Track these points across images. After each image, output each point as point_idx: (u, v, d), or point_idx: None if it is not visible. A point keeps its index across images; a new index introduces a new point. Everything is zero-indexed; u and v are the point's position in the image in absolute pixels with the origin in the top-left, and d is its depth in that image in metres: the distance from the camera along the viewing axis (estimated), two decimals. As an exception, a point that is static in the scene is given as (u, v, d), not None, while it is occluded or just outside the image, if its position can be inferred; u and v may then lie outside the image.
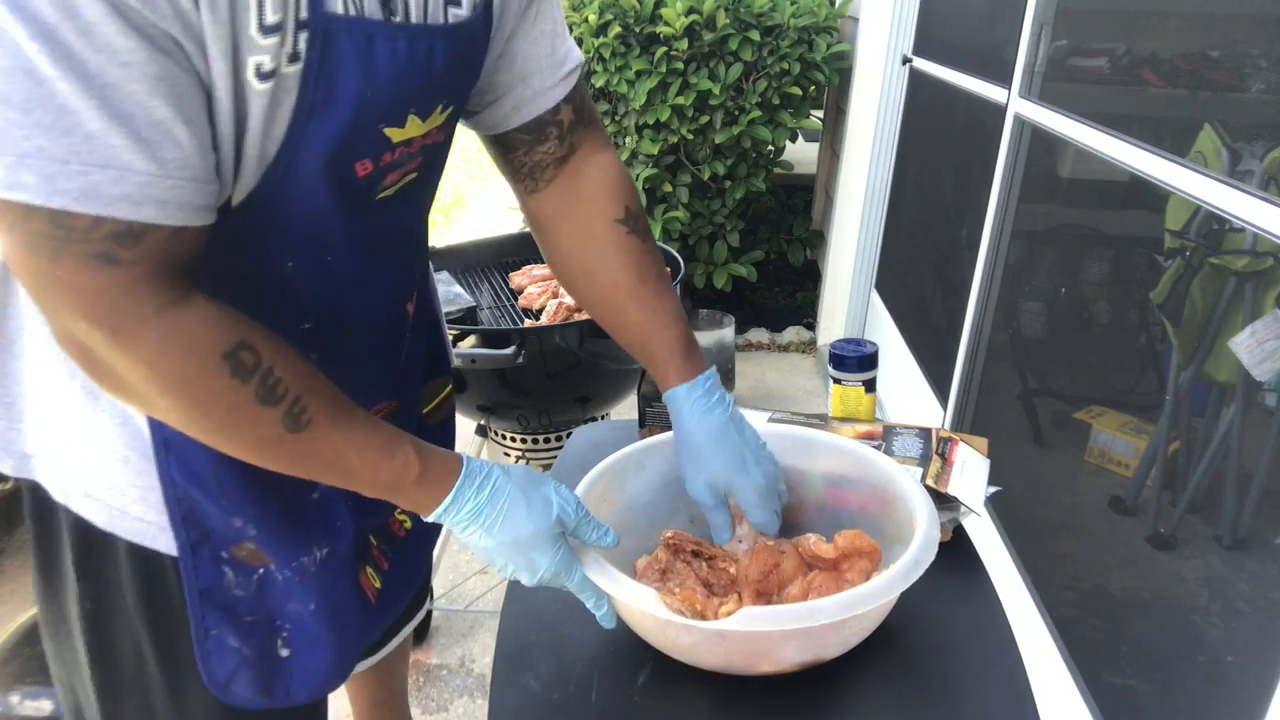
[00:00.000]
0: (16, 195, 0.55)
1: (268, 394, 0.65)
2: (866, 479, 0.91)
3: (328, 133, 0.67)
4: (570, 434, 1.45)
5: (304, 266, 0.76)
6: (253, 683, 0.84)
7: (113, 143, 0.56)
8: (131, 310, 0.60)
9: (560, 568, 0.78)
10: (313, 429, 0.67)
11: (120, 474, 0.77)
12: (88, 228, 0.56)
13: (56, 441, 0.78)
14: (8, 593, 2.30)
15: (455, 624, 2.13)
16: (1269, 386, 1.12)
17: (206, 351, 0.62)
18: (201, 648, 0.81)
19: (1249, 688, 1.05)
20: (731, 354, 1.22)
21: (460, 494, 0.75)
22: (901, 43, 3.00)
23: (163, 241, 0.60)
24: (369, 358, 0.89)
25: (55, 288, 0.59)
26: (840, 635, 0.76)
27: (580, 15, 3.02)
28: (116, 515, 0.78)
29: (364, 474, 0.71)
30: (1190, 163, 1.26)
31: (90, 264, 0.58)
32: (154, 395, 0.63)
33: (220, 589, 0.80)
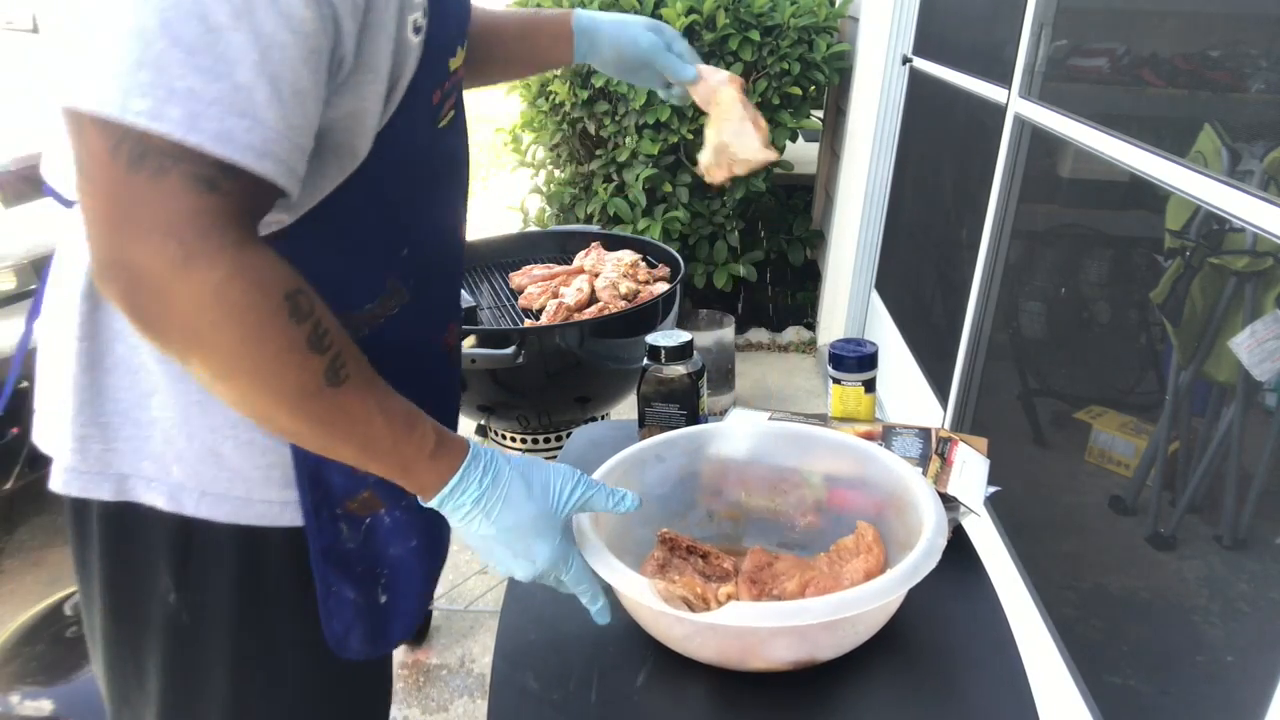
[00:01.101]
0: (159, 127, 0.58)
1: (318, 341, 0.66)
2: (880, 482, 0.91)
3: (431, 69, 0.77)
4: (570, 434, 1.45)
5: (402, 193, 0.82)
6: (364, 633, 0.88)
7: (257, 97, 0.60)
8: (214, 236, 0.61)
9: (559, 556, 0.78)
10: (349, 386, 0.68)
11: (243, 459, 0.79)
12: (201, 156, 0.59)
13: (165, 449, 0.79)
14: (8, 593, 2.30)
15: (455, 624, 2.13)
16: (1269, 386, 1.12)
17: (272, 287, 0.64)
18: (325, 606, 0.85)
19: (1249, 688, 1.05)
20: (731, 354, 1.22)
21: (466, 475, 0.75)
22: (901, 43, 3.00)
23: (258, 191, 0.64)
24: (445, 278, 0.95)
25: (140, 205, 0.60)
26: (834, 637, 0.76)
27: (580, 15, 3.02)
28: (240, 505, 0.80)
29: (384, 442, 0.72)
30: (1190, 163, 1.26)
31: (192, 186, 0.60)
32: (205, 328, 0.62)
33: (337, 545, 0.84)
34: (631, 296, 1.87)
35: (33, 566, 2.39)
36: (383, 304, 0.83)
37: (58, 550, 2.44)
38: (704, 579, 0.83)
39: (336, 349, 0.68)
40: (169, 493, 0.79)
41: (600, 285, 1.90)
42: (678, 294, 1.90)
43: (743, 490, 0.98)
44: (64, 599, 1.75)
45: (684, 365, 1.09)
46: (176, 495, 0.79)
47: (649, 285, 1.94)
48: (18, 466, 2.24)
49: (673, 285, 1.90)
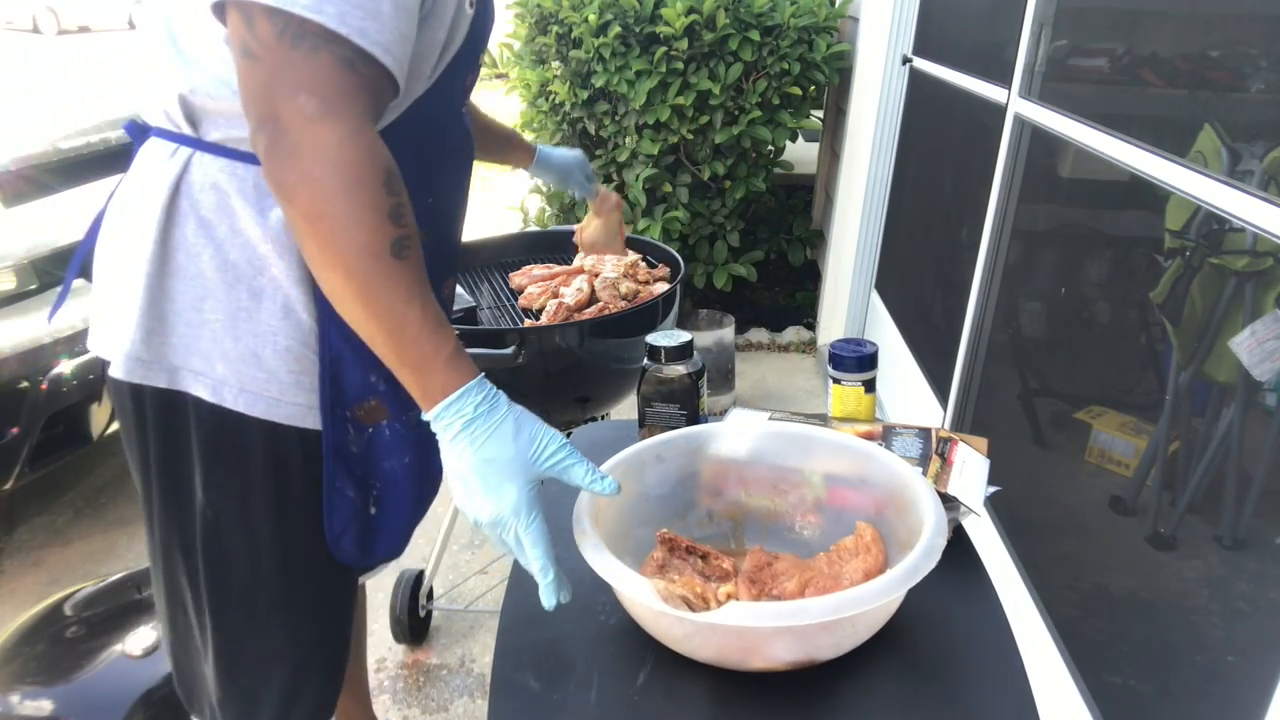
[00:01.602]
0: (318, 18, 0.74)
1: (397, 216, 0.78)
2: (881, 481, 0.91)
3: (475, 50, 0.95)
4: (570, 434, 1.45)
5: (433, 152, 0.99)
6: (356, 537, 1.02)
7: (384, 8, 0.77)
8: (349, 99, 0.76)
9: (524, 505, 0.80)
10: (406, 264, 0.78)
11: (280, 363, 0.93)
12: (346, 43, 0.75)
13: (212, 348, 0.92)
14: (8, 593, 2.30)
15: (455, 624, 2.13)
16: (1269, 386, 1.12)
17: (379, 156, 0.78)
18: (329, 500, 0.99)
19: (1249, 688, 1.05)
20: (731, 354, 1.22)
21: (468, 394, 0.80)
22: (901, 43, 3.00)
23: (381, 82, 0.80)
24: (451, 236, 1.11)
25: (295, 73, 0.75)
26: (833, 637, 0.76)
27: (580, 15, 3.02)
28: (272, 403, 0.94)
29: (412, 328, 0.79)
30: (1190, 163, 1.26)
31: (338, 61, 0.76)
32: (319, 169, 0.75)
33: (343, 445, 0.98)
34: (631, 296, 1.87)
35: (33, 566, 2.39)
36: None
37: (57, 550, 2.45)
38: (703, 579, 0.83)
39: (408, 231, 0.79)
40: (213, 386, 0.93)
41: (600, 285, 1.90)
42: (678, 294, 1.90)
43: (742, 490, 0.98)
44: (64, 599, 1.75)
45: (684, 365, 1.09)
46: (219, 389, 0.93)
47: (649, 285, 1.93)
48: (18, 466, 2.24)
49: (673, 285, 1.90)
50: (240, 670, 1.05)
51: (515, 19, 3.34)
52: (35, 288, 2.31)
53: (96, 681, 1.54)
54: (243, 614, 1.02)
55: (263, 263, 0.90)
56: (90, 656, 1.57)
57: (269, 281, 0.91)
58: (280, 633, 1.05)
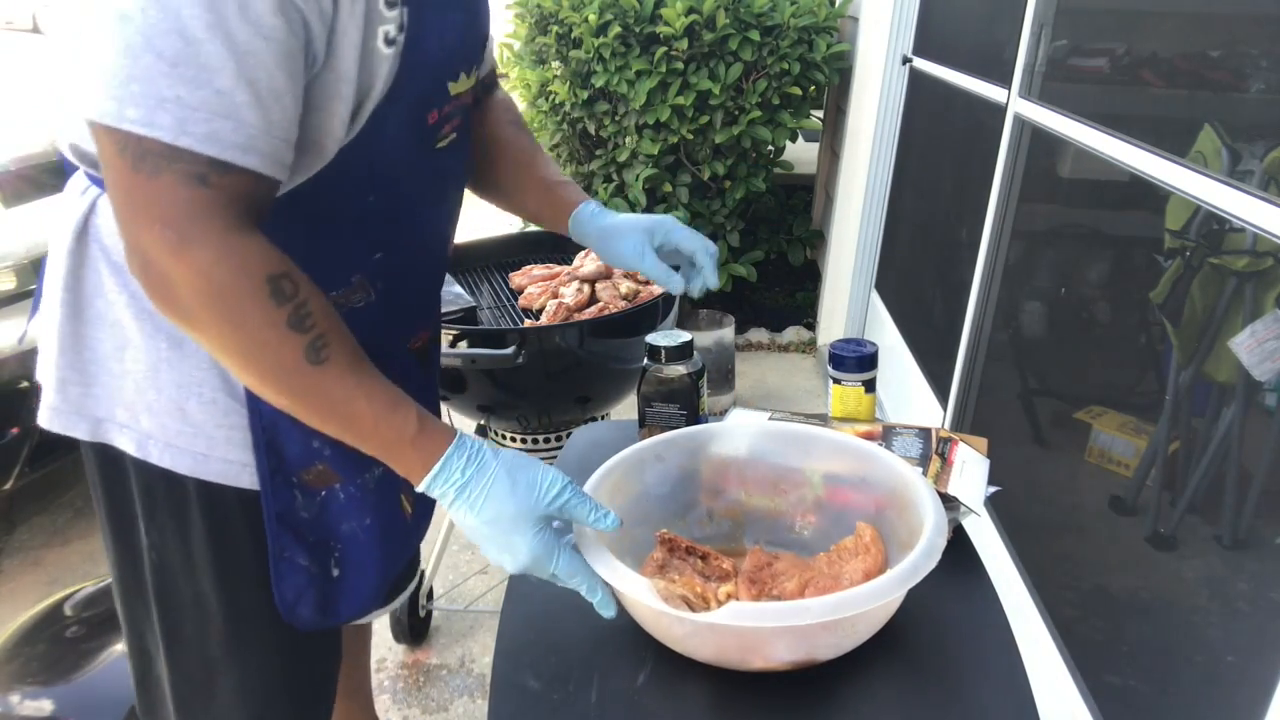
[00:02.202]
0: (153, 133, 0.66)
1: (298, 322, 0.72)
2: (881, 481, 0.91)
3: (418, 86, 0.83)
4: (570, 434, 1.45)
5: (382, 202, 0.88)
6: (314, 602, 0.94)
7: (238, 99, 0.68)
8: (202, 224, 0.69)
9: (541, 552, 0.78)
10: (330, 366, 0.74)
11: (206, 417, 0.86)
12: (194, 156, 0.68)
13: (136, 399, 0.86)
14: (8, 592, 2.30)
15: (455, 624, 2.13)
16: (1269, 386, 1.12)
17: (255, 270, 0.71)
18: (276, 569, 0.91)
19: (1249, 688, 1.05)
20: (731, 354, 1.22)
21: (449, 463, 0.77)
22: (901, 43, 3.00)
23: (248, 182, 0.71)
24: (420, 289, 1.02)
25: (143, 199, 0.68)
26: (834, 637, 0.76)
27: (580, 15, 3.02)
28: (200, 460, 0.87)
29: (366, 423, 0.76)
30: (1190, 163, 1.26)
31: (184, 182, 0.68)
32: (198, 306, 0.70)
33: (291, 512, 0.90)
34: (631, 296, 1.87)
35: (33, 566, 2.39)
36: (346, 295, 0.90)
37: (57, 550, 2.44)
38: (703, 579, 0.83)
39: (319, 330, 0.73)
40: (137, 440, 0.87)
41: (600, 285, 1.90)
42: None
43: (743, 490, 0.98)
44: (64, 599, 1.75)
45: (684, 365, 1.09)
46: (144, 444, 0.86)
47: (649, 285, 1.93)
48: (18, 466, 2.24)
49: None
50: (199, 712, 0.99)
51: (515, 19, 3.34)
52: (35, 288, 2.31)
53: (96, 681, 1.54)
54: (197, 660, 0.97)
55: None
56: (90, 656, 1.57)
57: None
58: (233, 684, 0.97)
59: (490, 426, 1.96)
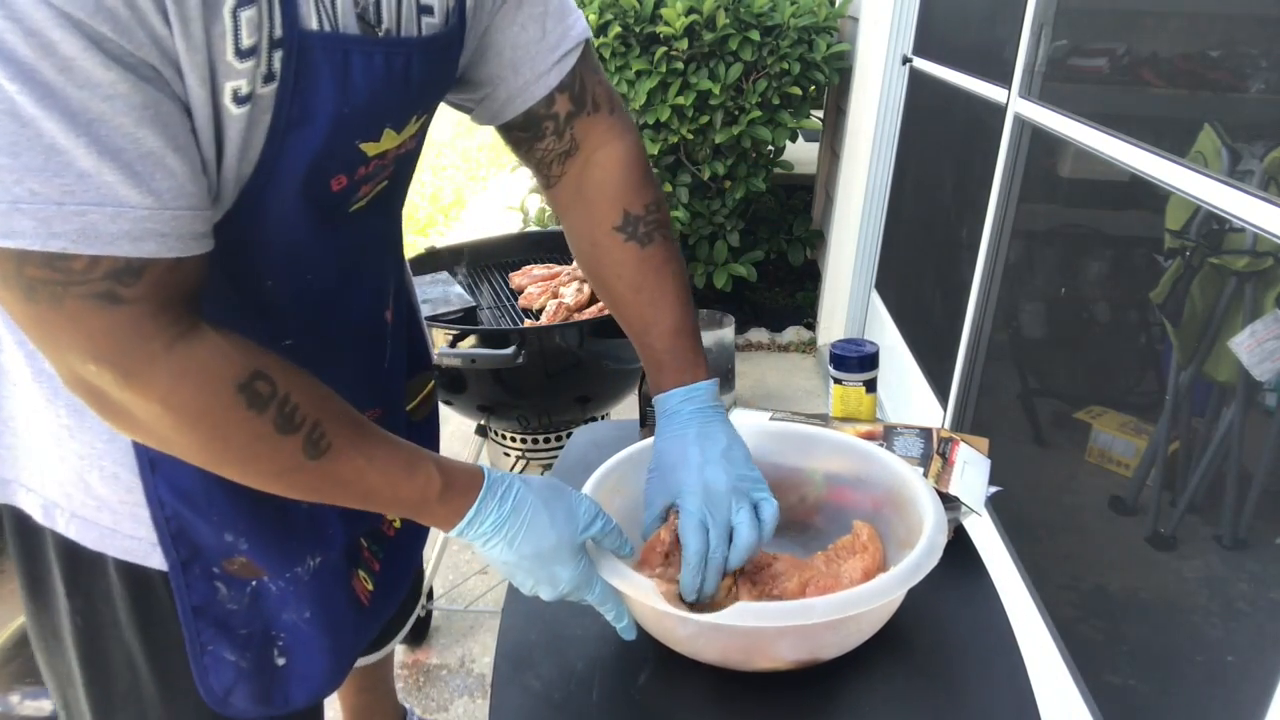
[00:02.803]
0: (12, 243, 0.53)
1: (285, 422, 0.64)
2: (880, 480, 0.91)
3: (304, 151, 0.66)
4: (570, 434, 1.45)
5: (282, 284, 0.75)
6: (251, 694, 0.83)
7: (106, 179, 0.54)
8: (140, 349, 0.58)
9: (582, 579, 0.77)
10: (333, 453, 0.66)
11: (109, 492, 0.76)
12: (85, 269, 0.55)
13: (41, 466, 0.77)
14: (8, 593, 2.30)
15: (455, 624, 2.13)
16: (1269, 386, 1.12)
17: (220, 384, 0.61)
18: (199, 664, 0.81)
19: (1249, 688, 1.05)
20: (731, 354, 1.22)
21: (482, 507, 0.73)
22: (901, 43, 3.00)
23: (165, 274, 0.58)
24: (352, 369, 0.86)
25: (59, 333, 0.57)
26: (837, 635, 0.76)
27: (580, 15, 3.02)
28: (107, 534, 0.77)
29: (385, 493, 0.70)
30: (1190, 163, 1.26)
31: (93, 305, 0.56)
32: (171, 433, 0.62)
33: (214, 604, 0.80)
34: (631, 296, 1.87)
35: (33, 566, 2.39)
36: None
37: (58, 550, 2.44)
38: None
39: (311, 421, 0.65)
40: (44, 507, 0.78)
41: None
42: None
43: (743, 490, 0.98)
44: (64, 599, 1.75)
45: (684, 365, 1.08)
46: (50, 511, 0.78)
47: (649, 285, 1.93)
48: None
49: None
50: None
51: (515, 19, 3.34)
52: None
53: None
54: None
55: None
56: (90, 656, 1.57)
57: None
58: None
59: (490, 426, 1.96)
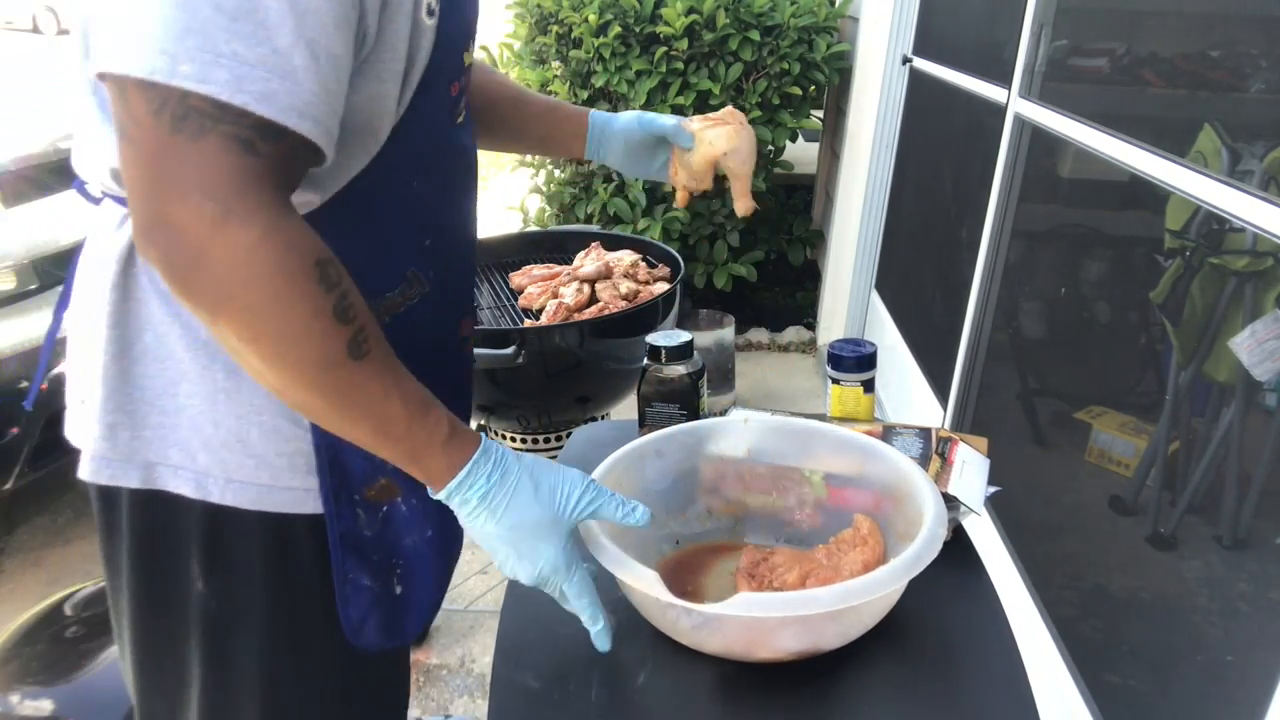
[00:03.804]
0: (204, 89, 0.60)
1: (343, 311, 0.67)
2: (879, 475, 0.91)
3: (451, 59, 0.81)
4: (570, 434, 1.45)
5: (424, 186, 0.85)
6: (379, 623, 0.89)
7: (295, 61, 0.63)
8: (251, 195, 0.63)
9: (563, 562, 0.77)
10: (370, 361, 0.69)
11: (269, 445, 0.81)
12: (240, 114, 0.62)
13: (191, 436, 0.80)
14: (8, 592, 2.30)
15: (455, 624, 2.13)
16: (1269, 386, 1.12)
17: (304, 252, 0.65)
18: (341, 593, 0.86)
19: (1249, 688, 1.05)
20: (731, 354, 1.22)
21: (475, 468, 0.75)
22: (901, 43, 3.00)
23: (295, 151, 0.66)
24: (463, 274, 0.98)
25: (183, 166, 0.62)
26: (840, 625, 0.76)
27: (580, 15, 3.02)
28: (264, 492, 0.82)
29: (399, 424, 0.72)
30: (1190, 163, 1.26)
31: (232, 146, 0.62)
32: (237, 287, 0.63)
33: (354, 531, 0.86)
34: (631, 296, 1.87)
35: (33, 566, 2.39)
36: (403, 293, 0.85)
37: (58, 550, 2.44)
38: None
39: (361, 323, 0.68)
40: (195, 480, 0.81)
41: (600, 285, 1.90)
42: (678, 294, 1.90)
43: (742, 486, 0.98)
44: (64, 599, 1.75)
45: (684, 365, 1.09)
46: (203, 482, 0.81)
47: (649, 285, 1.94)
48: (18, 466, 2.24)
49: (673, 285, 1.90)
50: None
51: (515, 19, 3.34)
52: (35, 288, 2.31)
53: (96, 681, 1.54)
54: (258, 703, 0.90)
55: None
56: (90, 656, 1.57)
57: None
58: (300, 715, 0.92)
59: (490, 426, 1.96)
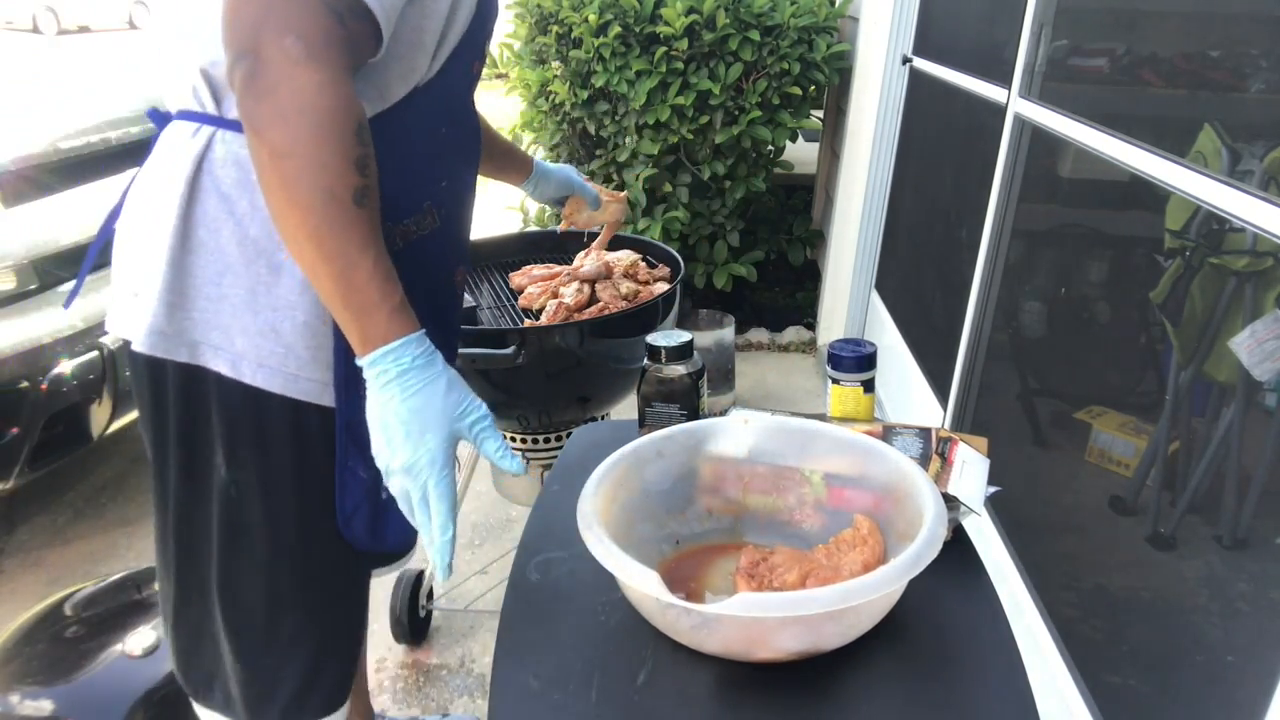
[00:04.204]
0: None
1: (363, 166, 0.81)
2: (879, 475, 0.91)
3: (477, 37, 0.99)
4: (570, 434, 1.45)
5: (450, 133, 1.04)
6: (366, 519, 1.04)
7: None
8: (331, 51, 0.79)
9: (441, 458, 0.85)
10: (365, 213, 0.82)
11: (298, 338, 0.95)
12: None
13: (231, 322, 0.94)
14: (8, 592, 2.30)
15: (455, 624, 2.13)
16: (1269, 386, 1.12)
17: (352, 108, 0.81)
18: (340, 479, 1.01)
19: (1249, 688, 1.05)
20: (731, 354, 1.22)
21: (408, 346, 0.84)
22: (901, 43, 3.00)
23: (365, 36, 0.83)
24: (465, 221, 1.14)
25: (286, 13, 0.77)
26: (839, 625, 0.76)
27: (580, 15, 3.02)
28: (289, 379, 0.96)
29: (362, 274, 0.81)
30: (1190, 163, 1.26)
31: (328, 12, 0.79)
32: (293, 111, 0.77)
33: (357, 424, 0.95)
34: (631, 296, 1.87)
35: (33, 566, 2.39)
36: (418, 222, 1.00)
37: (57, 550, 2.45)
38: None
39: (371, 182, 0.82)
40: (231, 361, 0.94)
41: (600, 285, 1.90)
42: (678, 294, 1.90)
43: (742, 486, 0.98)
44: (64, 599, 1.75)
45: (684, 365, 1.09)
46: (237, 364, 0.94)
47: (649, 285, 1.93)
48: (18, 466, 2.24)
49: (673, 285, 1.90)
50: (261, 650, 1.06)
51: (515, 19, 3.34)
52: (35, 288, 2.31)
53: (96, 681, 1.54)
54: (263, 594, 1.04)
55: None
56: (90, 656, 1.57)
57: (288, 256, 0.93)
58: (301, 613, 1.06)
59: (490, 426, 1.96)
